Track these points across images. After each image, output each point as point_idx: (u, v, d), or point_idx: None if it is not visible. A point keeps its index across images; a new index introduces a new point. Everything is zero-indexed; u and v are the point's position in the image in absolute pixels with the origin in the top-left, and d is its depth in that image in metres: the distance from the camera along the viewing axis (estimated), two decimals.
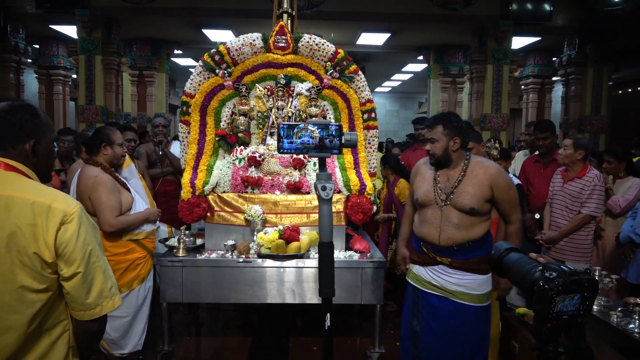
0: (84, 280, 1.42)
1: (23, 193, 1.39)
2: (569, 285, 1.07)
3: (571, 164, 3.73)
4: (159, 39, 9.46)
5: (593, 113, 8.41)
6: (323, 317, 1.36)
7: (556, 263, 1.15)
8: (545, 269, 1.12)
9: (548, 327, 1.10)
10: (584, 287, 1.08)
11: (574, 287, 1.08)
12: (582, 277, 1.09)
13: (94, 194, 3.00)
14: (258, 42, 3.75)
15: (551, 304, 1.07)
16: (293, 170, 3.75)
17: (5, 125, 1.46)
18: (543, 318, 1.09)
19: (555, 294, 1.07)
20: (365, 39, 9.09)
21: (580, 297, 1.09)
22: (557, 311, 1.08)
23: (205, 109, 3.82)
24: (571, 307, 1.09)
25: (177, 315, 4.46)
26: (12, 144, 1.47)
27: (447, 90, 9.87)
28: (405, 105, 18.91)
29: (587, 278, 1.09)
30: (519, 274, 1.19)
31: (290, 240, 3.34)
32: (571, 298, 1.09)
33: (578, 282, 1.08)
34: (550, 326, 1.10)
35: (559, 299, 1.08)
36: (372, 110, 3.92)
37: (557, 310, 1.08)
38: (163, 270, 3.37)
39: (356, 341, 4.00)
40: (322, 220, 1.46)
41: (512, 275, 1.23)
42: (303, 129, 1.50)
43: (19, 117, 1.47)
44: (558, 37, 8.66)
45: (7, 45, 7.94)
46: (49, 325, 1.44)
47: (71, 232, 1.40)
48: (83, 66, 7.61)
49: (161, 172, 4.80)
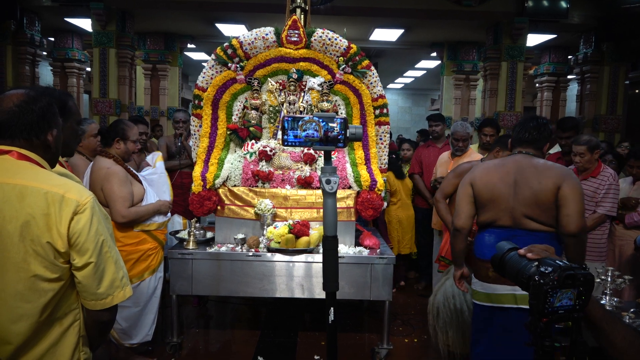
0: (95, 270, 1.43)
1: (37, 182, 1.40)
2: (564, 279, 1.07)
3: (589, 165, 3.67)
4: (173, 33, 9.49)
5: (608, 112, 8.28)
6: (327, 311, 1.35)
7: (552, 258, 1.15)
8: (540, 264, 1.12)
9: (544, 322, 1.10)
10: (579, 281, 1.08)
11: (569, 281, 1.08)
12: (578, 272, 1.08)
13: (106, 185, 3.04)
14: (271, 36, 3.76)
15: (547, 299, 1.08)
16: (304, 165, 3.75)
17: (27, 115, 1.45)
18: (539, 313, 1.09)
19: (550, 289, 1.07)
20: (379, 34, 9.04)
21: (576, 291, 1.09)
22: (552, 306, 1.08)
23: (217, 102, 3.84)
24: (567, 302, 1.10)
25: (187, 308, 4.49)
26: (36, 134, 1.47)
27: (460, 88, 9.79)
28: (417, 102, 18.80)
29: (582, 272, 1.09)
30: (515, 268, 1.19)
31: (300, 234, 3.35)
32: (567, 293, 1.09)
33: (573, 276, 1.08)
34: (546, 321, 1.10)
35: (554, 293, 1.08)
36: (384, 106, 3.91)
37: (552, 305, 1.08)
38: (173, 263, 3.40)
39: (364, 337, 4.00)
40: (326, 213, 1.45)
41: (507, 271, 1.23)
42: (308, 121, 1.48)
43: (41, 106, 1.47)
44: (574, 34, 8.54)
45: (23, 38, 8.02)
46: (60, 314, 1.46)
47: (84, 222, 1.41)
48: (97, 59, 7.66)
49: (178, 165, 4.85)
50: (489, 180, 2.59)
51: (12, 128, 1.44)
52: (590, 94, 8.45)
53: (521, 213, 2.49)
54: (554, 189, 2.43)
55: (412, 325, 4.24)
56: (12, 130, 1.44)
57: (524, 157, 2.58)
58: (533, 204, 2.46)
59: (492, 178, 2.59)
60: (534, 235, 2.45)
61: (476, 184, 2.63)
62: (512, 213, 2.51)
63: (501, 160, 2.76)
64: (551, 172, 2.48)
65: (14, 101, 1.43)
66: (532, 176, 2.49)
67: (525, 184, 2.49)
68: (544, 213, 2.46)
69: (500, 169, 2.60)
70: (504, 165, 2.61)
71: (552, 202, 2.44)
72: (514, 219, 2.51)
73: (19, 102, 1.43)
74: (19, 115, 1.43)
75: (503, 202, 2.52)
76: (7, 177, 1.39)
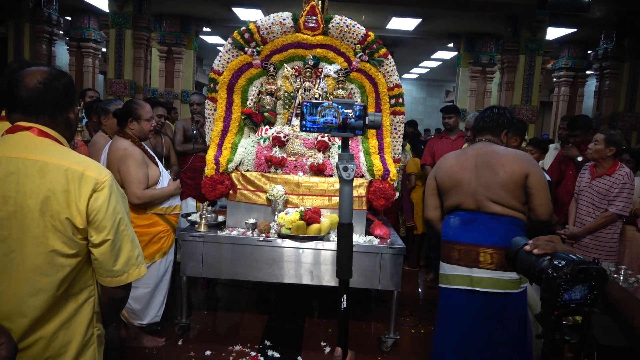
0: (112, 247, 1.44)
1: (57, 159, 1.42)
2: (578, 273, 1.08)
3: (601, 159, 3.63)
4: (189, 16, 9.48)
5: (627, 109, 8.15)
6: (339, 298, 1.36)
7: (565, 251, 1.15)
8: (554, 257, 1.13)
9: (555, 315, 1.11)
10: (592, 276, 1.09)
11: (582, 275, 1.08)
12: (591, 267, 1.09)
13: (123, 167, 3.06)
14: (288, 22, 3.73)
15: (559, 292, 1.08)
16: (317, 152, 3.75)
17: (52, 92, 1.46)
18: (551, 306, 1.10)
19: (563, 282, 1.08)
20: (396, 23, 8.95)
21: (588, 286, 1.10)
22: (564, 299, 1.09)
23: (232, 86, 3.83)
24: (579, 296, 1.10)
25: (196, 290, 4.54)
26: (60, 111, 1.48)
27: (476, 80, 9.68)
28: (432, 94, 18.67)
29: (595, 267, 1.10)
30: (526, 263, 1.20)
31: (311, 221, 3.35)
32: (579, 287, 1.10)
33: (586, 270, 1.09)
34: (557, 314, 1.10)
35: (567, 287, 1.08)
36: (399, 96, 3.88)
37: (564, 299, 1.09)
38: (184, 245, 3.42)
39: (371, 326, 4.02)
40: (342, 201, 1.45)
41: (518, 265, 1.24)
42: (327, 107, 1.47)
43: (64, 83, 1.48)
44: (595, 29, 8.39)
45: (41, 16, 8.05)
46: (76, 289, 1.48)
47: (102, 199, 1.42)
48: (113, 40, 7.68)
49: (192, 148, 4.87)
50: (449, 168, 2.71)
51: (38, 105, 1.44)
52: (608, 90, 8.31)
53: (484, 196, 2.56)
54: (521, 175, 2.51)
55: (420, 317, 4.24)
56: (38, 107, 1.45)
57: (483, 144, 2.69)
58: (498, 188, 2.53)
59: (452, 166, 2.70)
60: (495, 218, 2.54)
61: (438, 174, 2.77)
62: (475, 196, 2.59)
63: (462, 149, 2.92)
64: (515, 157, 2.56)
65: (37, 78, 1.44)
66: (495, 160, 2.56)
67: (488, 168, 2.56)
68: (509, 196, 2.53)
69: (460, 157, 2.72)
70: (465, 153, 2.75)
71: (519, 187, 2.52)
72: (477, 201, 2.59)
73: (43, 79, 1.44)
74: (44, 92, 1.44)
75: (465, 186, 2.62)
76: (28, 152, 1.41)
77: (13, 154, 1.40)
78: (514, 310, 2.55)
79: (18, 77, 1.44)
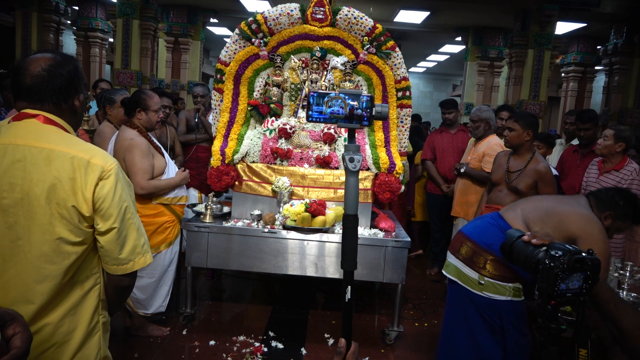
0: (118, 235, 1.45)
1: (63, 147, 1.42)
2: (574, 263, 1.11)
3: (609, 155, 3.61)
4: (196, 7, 9.45)
5: (636, 106, 8.08)
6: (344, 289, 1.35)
7: (560, 242, 1.18)
8: (550, 248, 1.16)
9: (552, 305, 1.14)
10: (587, 265, 1.13)
11: (578, 265, 1.12)
12: (586, 256, 1.13)
13: (128, 156, 3.06)
14: (296, 13, 3.71)
15: (556, 282, 1.12)
16: (323, 145, 3.74)
17: (56, 80, 1.45)
18: (547, 296, 1.13)
19: (560, 272, 1.11)
20: (404, 16, 8.88)
21: (583, 275, 1.13)
22: (561, 289, 1.13)
23: (239, 77, 3.82)
24: (575, 285, 1.14)
25: (201, 280, 4.56)
26: (64, 99, 1.48)
27: (484, 74, 9.61)
28: (438, 87, 18.55)
29: (590, 257, 1.13)
30: (523, 254, 1.23)
31: (316, 214, 3.35)
32: (575, 276, 1.13)
33: (582, 260, 1.12)
34: (554, 304, 1.14)
35: (563, 276, 1.12)
36: (407, 89, 3.86)
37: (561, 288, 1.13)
38: (189, 235, 3.43)
39: (374, 319, 4.03)
40: (347, 192, 1.43)
41: (515, 257, 1.27)
42: (334, 98, 1.45)
43: (68, 70, 1.48)
44: (605, 24, 8.29)
45: (48, 5, 8.05)
46: (82, 277, 1.48)
47: (108, 188, 1.43)
48: (120, 30, 7.67)
49: (195, 139, 4.88)
50: None
51: (42, 92, 1.44)
52: (617, 86, 8.23)
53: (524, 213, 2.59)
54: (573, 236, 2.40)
55: (423, 310, 4.25)
56: (42, 94, 1.44)
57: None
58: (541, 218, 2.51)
59: None
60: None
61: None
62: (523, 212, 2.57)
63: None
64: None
65: (42, 65, 1.43)
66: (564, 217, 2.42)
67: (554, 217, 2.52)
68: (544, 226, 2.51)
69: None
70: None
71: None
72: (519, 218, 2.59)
73: (47, 66, 1.44)
74: (48, 79, 1.44)
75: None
76: (34, 140, 1.41)
77: (19, 141, 1.40)
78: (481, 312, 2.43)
79: (23, 64, 1.44)
